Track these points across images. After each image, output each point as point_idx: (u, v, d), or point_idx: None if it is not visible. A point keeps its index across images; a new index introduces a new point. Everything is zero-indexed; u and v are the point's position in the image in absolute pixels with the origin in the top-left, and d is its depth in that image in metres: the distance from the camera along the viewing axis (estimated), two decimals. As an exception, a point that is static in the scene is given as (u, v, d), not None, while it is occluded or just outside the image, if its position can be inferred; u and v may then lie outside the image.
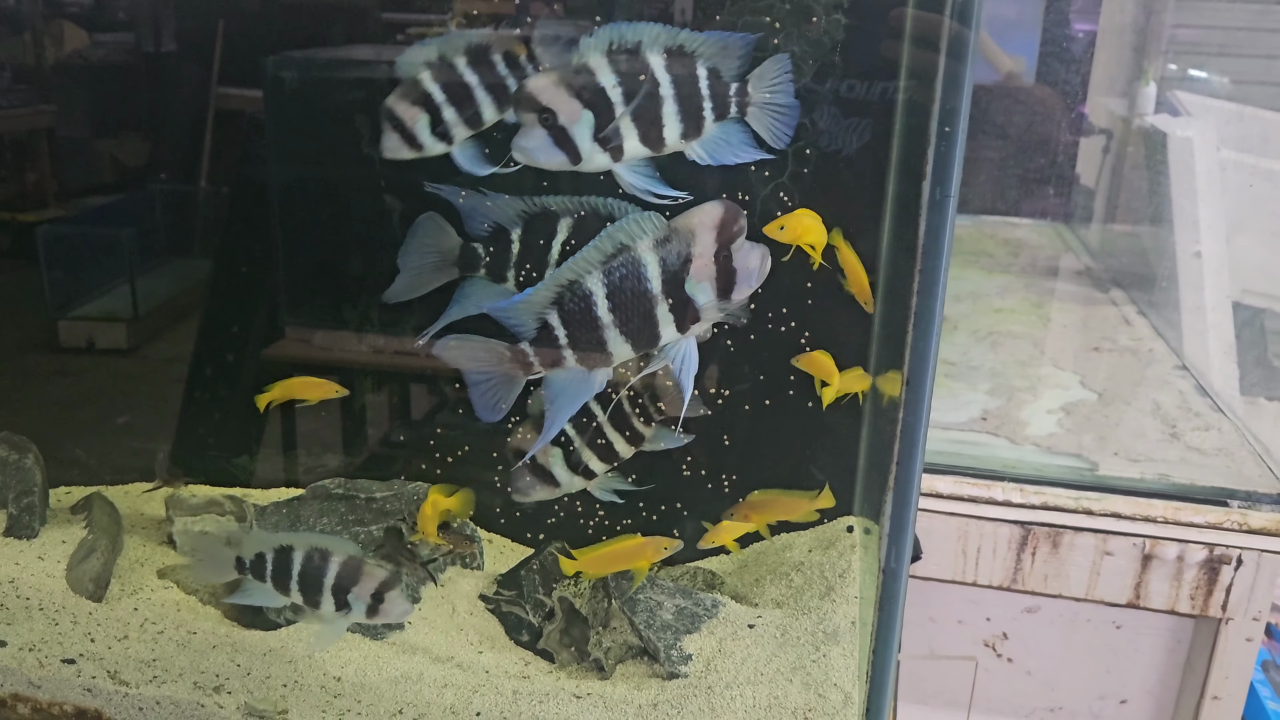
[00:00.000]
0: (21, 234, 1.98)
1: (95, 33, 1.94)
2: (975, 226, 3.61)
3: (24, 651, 1.29)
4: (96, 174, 2.05)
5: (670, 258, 0.96)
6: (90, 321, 1.96)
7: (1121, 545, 1.95)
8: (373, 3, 1.81)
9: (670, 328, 0.98)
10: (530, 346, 1.00)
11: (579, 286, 0.97)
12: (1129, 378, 2.40)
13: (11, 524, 1.46)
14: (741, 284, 0.98)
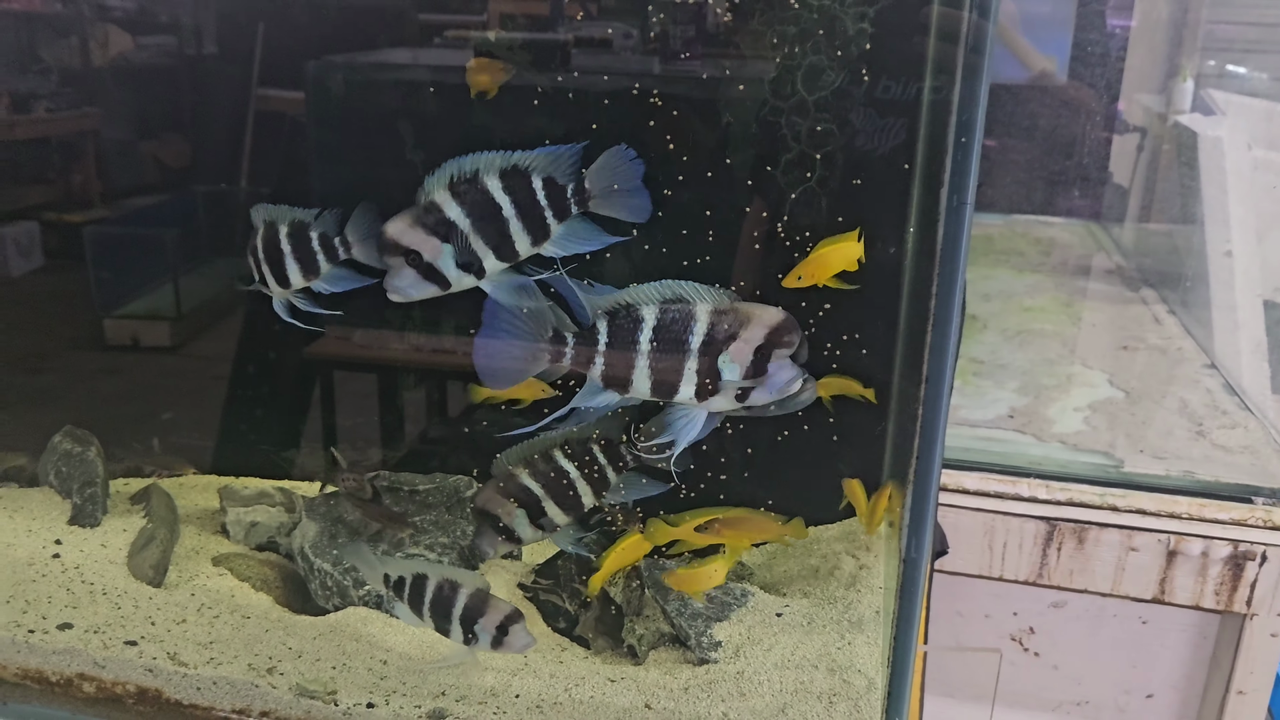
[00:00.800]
0: (69, 234, 2.03)
1: (139, 36, 1.98)
2: (1007, 226, 3.62)
3: (89, 633, 1.36)
4: (140, 175, 2.09)
5: (718, 327, 1.01)
6: (135, 320, 2.00)
7: (1146, 541, 1.97)
8: (410, 5, 1.85)
9: (689, 388, 1.03)
10: (571, 339, 1.05)
11: (634, 310, 1.03)
12: (1157, 376, 2.42)
13: (76, 513, 1.54)
14: (766, 389, 1.03)
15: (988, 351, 2.53)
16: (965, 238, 0.95)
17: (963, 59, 0.90)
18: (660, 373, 1.03)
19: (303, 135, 1.96)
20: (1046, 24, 3.66)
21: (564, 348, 1.05)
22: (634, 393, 1.06)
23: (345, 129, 1.90)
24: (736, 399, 1.03)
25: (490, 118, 1.65)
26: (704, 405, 1.05)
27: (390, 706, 1.27)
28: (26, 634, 1.36)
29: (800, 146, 1.50)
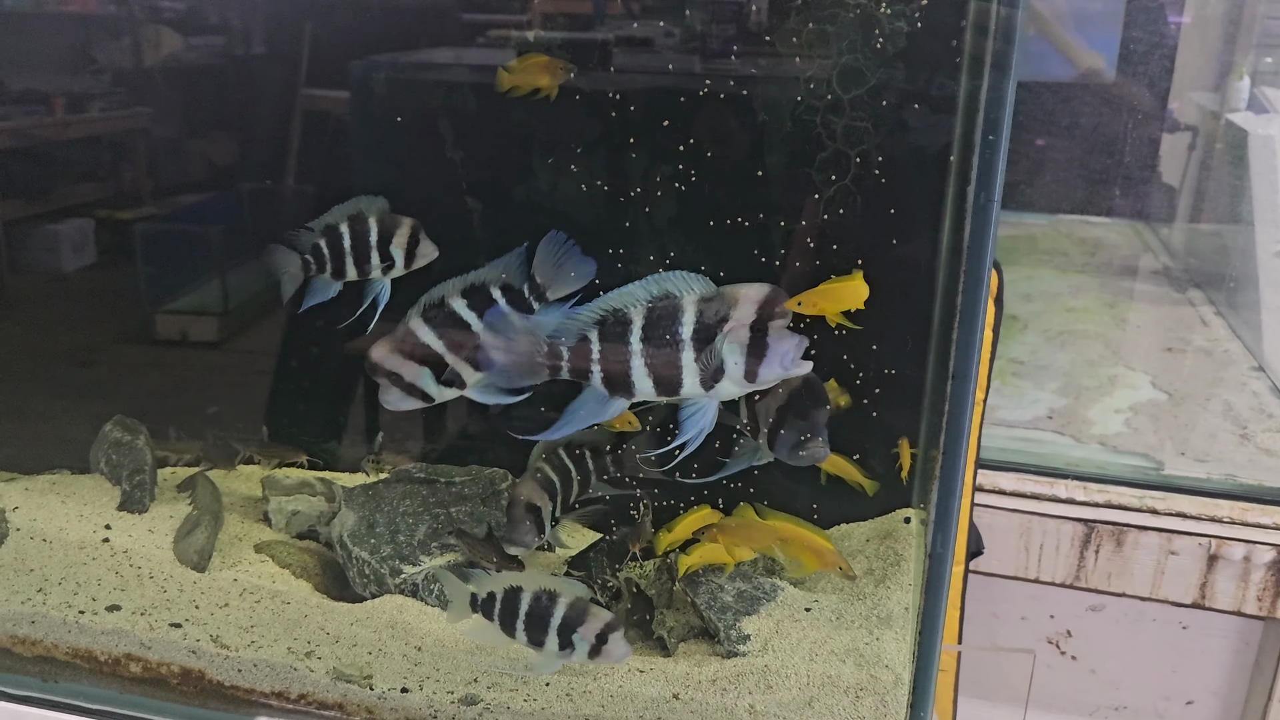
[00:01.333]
0: (120, 231, 2.08)
1: (189, 37, 2.01)
2: (1052, 226, 3.58)
3: (136, 615, 1.41)
4: (189, 173, 2.12)
5: (708, 313, 1.02)
6: (183, 315, 2.05)
7: (1187, 545, 1.95)
8: (454, 5, 1.88)
9: (693, 379, 1.04)
10: (566, 351, 1.07)
11: (622, 314, 1.04)
12: (1202, 378, 2.39)
13: (125, 499, 1.59)
14: (771, 361, 1.02)
15: (1028, 352, 2.51)
16: (992, 235, 0.96)
17: (990, 57, 0.91)
18: (658, 370, 1.04)
19: (346, 134, 1.99)
20: (1095, 21, 3.62)
21: (559, 361, 1.07)
22: (639, 394, 1.07)
23: (387, 128, 1.93)
24: (745, 379, 1.03)
25: (530, 116, 1.67)
26: (712, 394, 1.05)
27: (424, 692, 1.30)
28: (77, 615, 1.40)
29: (835, 145, 1.51)
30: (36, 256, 2.13)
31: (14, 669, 1.43)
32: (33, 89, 2.09)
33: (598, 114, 1.62)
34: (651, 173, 1.62)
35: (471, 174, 1.77)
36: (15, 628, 1.42)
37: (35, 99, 2.10)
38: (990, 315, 1.85)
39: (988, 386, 1.85)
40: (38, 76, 2.10)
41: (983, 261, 0.97)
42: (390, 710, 1.30)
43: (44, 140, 2.14)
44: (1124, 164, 3.60)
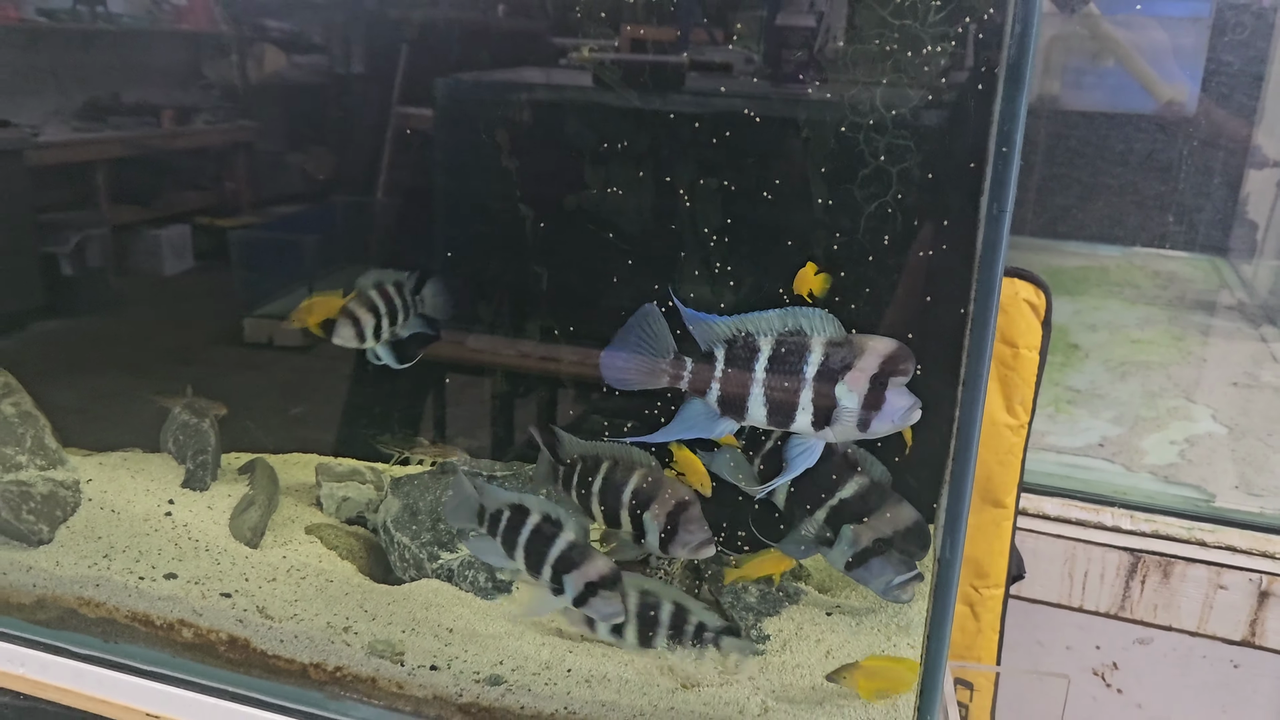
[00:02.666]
0: (218, 238, 2.17)
1: (293, 55, 2.10)
2: (1125, 258, 3.53)
3: (190, 584, 1.49)
4: (286, 185, 2.21)
5: (834, 357, 1.04)
6: (272, 320, 2.13)
7: (1237, 580, 1.91)
8: (545, 28, 1.94)
9: (806, 416, 1.06)
10: (690, 362, 1.10)
11: (752, 339, 1.07)
12: (1266, 414, 2.34)
13: (188, 478, 1.69)
14: (884, 416, 1.04)
15: (1086, 381, 2.49)
16: (1003, 244, 0.98)
17: (1004, 70, 0.94)
18: (776, 401, 1.06)
19: (431, 150, 2.05)
20: (1177, 54, 3.57)
21: (682, 371, 1.09)
22: (750, 419, 1.09)
23: (470, 144, 2.00)
24: (858, 428, 1.05)
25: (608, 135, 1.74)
26: (821, 435, 1.08)
27: (451, 670, 1.35)
28: (138, 580, 1.50)
29: (879, 161, 1.54)
30: (140, 260, 2.25)
31: (79, 628, 1.52)
32: (145, 101, 2.22)
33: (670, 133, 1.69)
34: (701, 185, 1.68)
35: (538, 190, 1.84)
36: (82, 590, 1.51)
37: (147, 111, 2.22)
38: (1038, 337, 1.85)
39: (1033, 410, 1.85)
40: (150, 90, 2.22)
41: (994, 270, 0.99)
42: (419, 686, 1.35)
43: (153, 150, 2.26)
44: (1203, 198, 3.53)
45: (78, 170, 2.24)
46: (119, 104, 2.22)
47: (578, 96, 1.77)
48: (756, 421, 1.08)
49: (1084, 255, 3.50)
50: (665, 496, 1.25)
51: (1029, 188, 3.66)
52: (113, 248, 2.23)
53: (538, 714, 1.30)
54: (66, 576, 1.52)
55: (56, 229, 2.19)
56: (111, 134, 2.19)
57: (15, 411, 1.68)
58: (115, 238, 2.23)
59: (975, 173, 1.01)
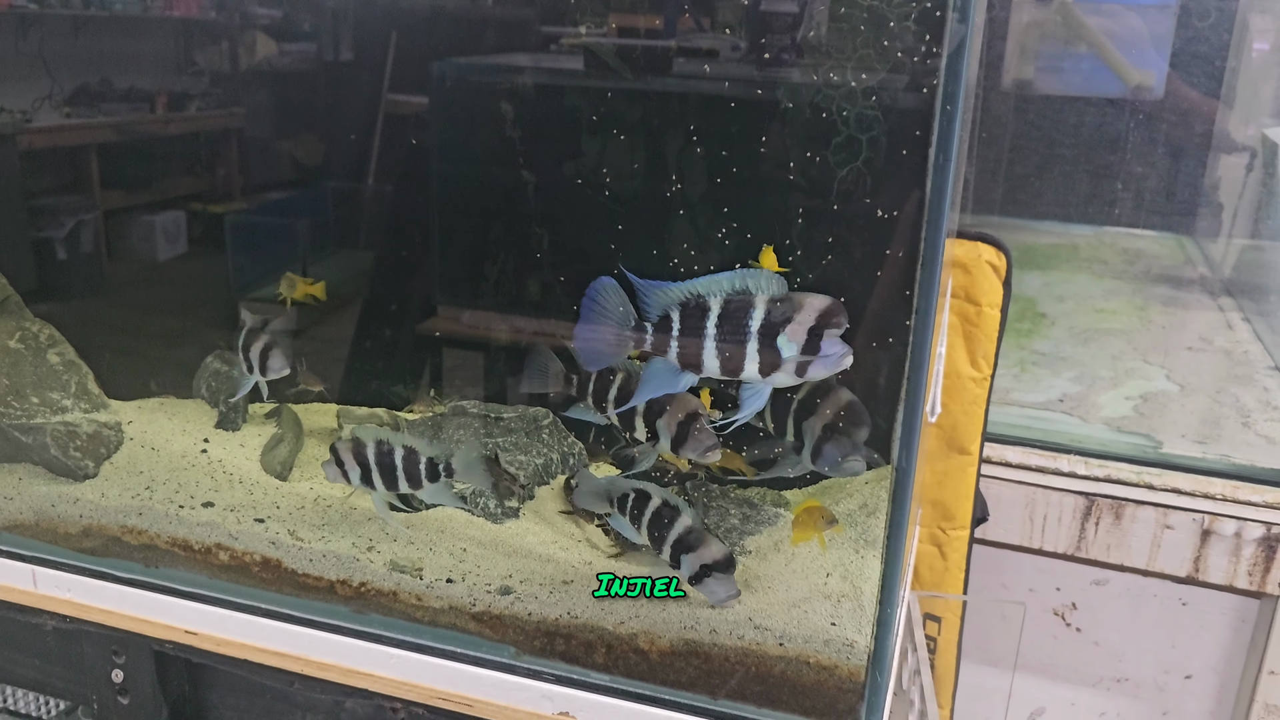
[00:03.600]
0: (211, 223, 2.23)
1: (283, 43, 2.14)
2: (1096, 236, 3.69)
3: (226, 511, 1.64)
4: (277, 170, 2.26)
5: (775, 312, 1.19)
6: (266, 303, 2.12)
7: (1181, 520, 2.08)
8: (534, 15, 2.07)
9: (753, 366, 1.20)
10: (650, 326, 1.25)
11: (703, 300, 1.21)
12: (1216, 374, 2.50)
13: (221, 419, 1.84)
14: (820, 363, 1.19)
15: (1051, 346, 2.65)
16: (949, 191, 1.14)
17: (949, 28, 1.09)
18: (727, 354, 1.21)
19: (424, 135, 2.12)
20: (1146, 40, 3.71)
21: (645, 335, 1.24)
22: (706, 372, 1.23)
23: (464, 128, 2.11)
24: (796, 373, 1.21)
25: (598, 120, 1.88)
26: (768, 381, 1.22)
27: (465, 583, 1.51)
28: (178, 509, 1.65)
29: (849, 130, 1.70)
30: (134, 245, 2.30)
31: (123, 555, 1.67)
32: (138, 87, 2.26)
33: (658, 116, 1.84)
34: (686, 157, 1.83)
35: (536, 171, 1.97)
36: (125, 519, 1.66)
37: (140, 97, 2.26)
38: (999, 296, 2.02)
39: (995, 364, 2.02)
40: (142, 76, 2.26)
41: (941, 211, 1.14)
42: (436, 598, 1.51)
43: (146, 136, 2.30)
44: (1171, 180, 3.69)
45: (70, 155, 2.27)
46: (111, 89, 2.27)
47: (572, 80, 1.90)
48: (711, 373, 1.24)
49: (1056, 234, 3.67)
50: (675, 408, 1.41)
51: (1003, 169, 3.83)
52: (106, 233, 2.27)
53: (543, 619, 1.45)
54: (111, 507, 1.67)
55: (50, 214, 2.24)
56: (104, 119, 2.23)
57: (60, 360, 1.83)
58: (109, 223, 2.27)
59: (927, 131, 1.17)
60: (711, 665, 1.39)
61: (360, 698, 1.56)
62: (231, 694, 1.68)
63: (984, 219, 3.63)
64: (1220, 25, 3.56)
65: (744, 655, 1.37)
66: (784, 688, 1.36)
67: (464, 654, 1.48)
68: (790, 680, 1.36)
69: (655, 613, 1.42)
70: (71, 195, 2.28)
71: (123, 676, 1.69)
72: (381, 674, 1.52)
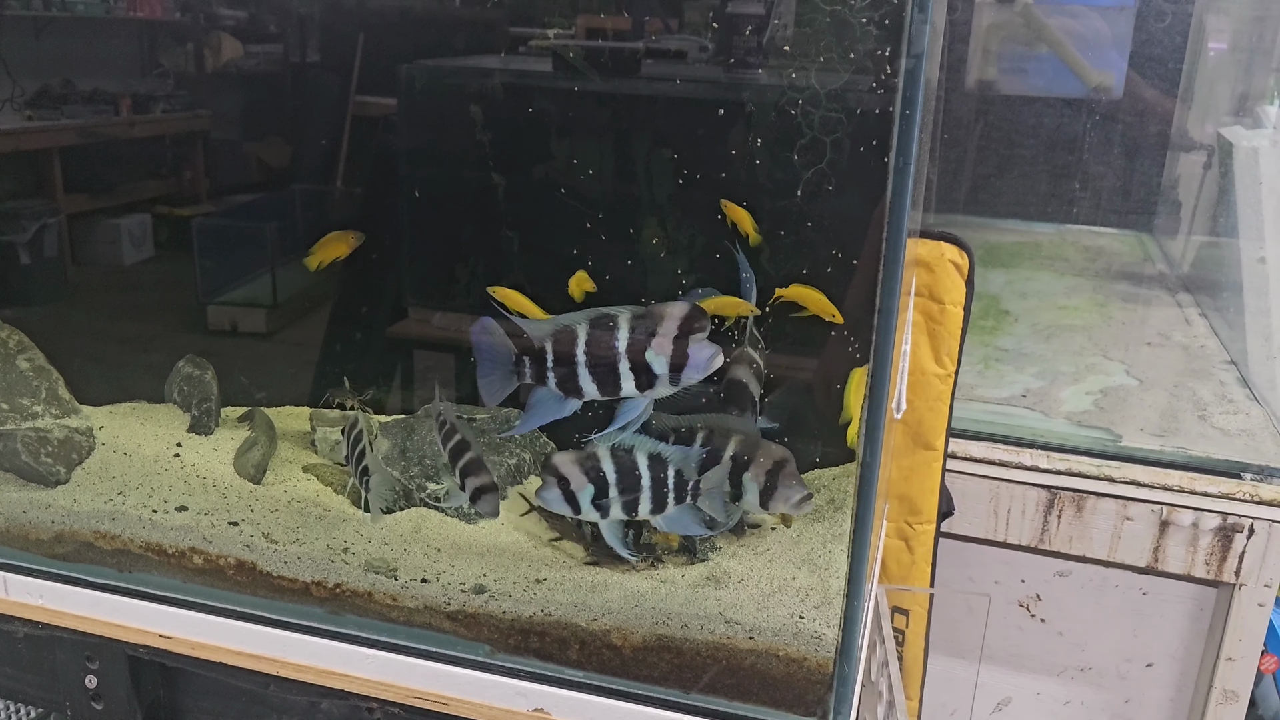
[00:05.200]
0: (177, 227, 2.20)
1: (249, 44, 2.12)
2: (1058, 234, 3.76)
3: (200, 515, 1.65)
4: (244, 174, 2.24)
5: (639, 329, 1.24)
6: (234, 307, 2.18)
7: (1140, 511, 2.13)
8: (502, 17, 2.08)
9: (630, 383, 1.26)
10: (528, 359, 1.30)
11: (570, 329, 1.26)
12: (1174, 369, 2.56)
13: (194, 424, 1.84)
14: (692, 369, 1.24)
15: (1014, 342, 2.70)
16: (909, 193, 1.17)
17: (907, 33, 1.12)
18: (601, 376, 1.26)
19: (394, 137, 2.13)
20: (1105, 41, 3.78)
21: (524, 369, 1.30)
22: (586, 396, 1.29)
23: (433, 130, 2.12)
24: (671, 383, 1.26)
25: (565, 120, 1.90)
26: (648, 394, 1.28)
27: (440, 582, 1.52)
28: (150, 513, 1.65)
29: (813, 133, 1.73)
30: (99, 249, 2.26)
31: (95, 560, 1.67)
32: (102, 90, 2.22)
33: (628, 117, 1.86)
34: (652, 158, 1.86)
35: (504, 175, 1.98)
36: (98, 524, 1.66)
37: (103, 99, 2.22)
38: (962, 294, 2.06)
39: (958, 360, 2.06)
40: (106, 78, 2.22)
41: (902, 213, 1.18)
42: (411, 597, 1.52)
43: (110, 139, 2.27)
44: (1130, 178, 3.77)
45: (32, 159, 2.24)
46: (73, 92, 2.24)
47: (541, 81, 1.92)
48: (592, 395, 1.29)
49: (1019, 232, 3.73)
50: (761, 459, 1.43)
51: (967, 169, 3.89)
52: (70, 237, 2.25)
53: (517, 617, 1.47)
54: (83, 512, 1.67)
55: (12, 218, 2.21)
56: (67, 122, 2.20)
57: (30, 366, 1.83)
58: (73, 227, 2.24)
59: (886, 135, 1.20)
60: (684, 659, 1.41)
61: (336, 698, 1.57)
62: (207, 697, 1.69)
63: (948, 218, 3.69)
64: (1177, 26, 3.64)
65: (715, 649, 1.40)
66: (754, 680, 1.39)
67: (439, 653, 1.50)
68: (760, 673, 1.39)
69: (628, 609, 1.44)
70: (34, 199, 2.25)
71: (96, 682, 1.69)
72: (357, 674, 1.53)
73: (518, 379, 1.31)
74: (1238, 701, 2.19)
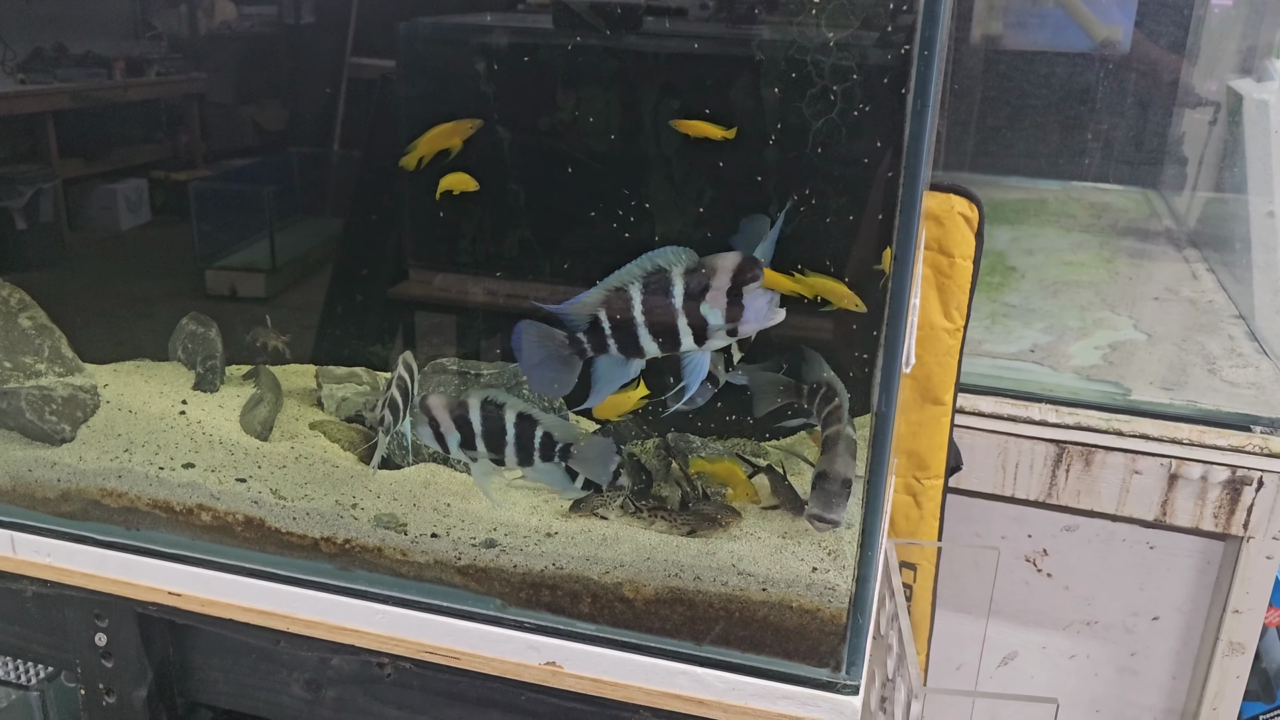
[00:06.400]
0: (174, 191, 2.17)
1: (242, 6, 2.10)
2: (1064, 191, 3.73)
3: (207, 472, 1.64)
4: (240, 137, 2.20)
5: (693, 283, 1.23)
6: (233, 271, 2.17)
7: (1149, 465, 2.13)
8: None
9: (689, 338, 1.25)
10: (584, 336, 1.28)
11: (623, 292, 1.25)
12: (1183, 323, 2.55)
13: (199, 381, 1.83)
14: (749, 320, 1.23)
15: (1021, 298, 2.69)
16: (928, 137, 1.15)
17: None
18: (661, 334, 1.26)
19: (392, 96, 2.10)
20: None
21: (582, 345, 1.29)
22: (647, 354, 1.29)
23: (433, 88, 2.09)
24: (728, 334, 1.26)
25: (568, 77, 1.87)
26: (705, 347, 1.27)
27: (450, 537, 1.52)
28: (158, 470, 1.64)
29: (824, 82, 1.70)
30: (95, 214, 2.25)
31: (102, 518, 1.66)
32: (94, 53, 2.19)
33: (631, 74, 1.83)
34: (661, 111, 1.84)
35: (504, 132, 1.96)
36: (104, 482, 1.65)
37: (96, 63, 2.19)
38: (971, 248, 2.04)
39: (968, 315, 2.04)
40: (99, 41, 2.19)
41: (919, 157, 1.16)
42: (421, 552, 1.52)
43: (104, 102, 2.24)
44: (1138, 134, 3.73)
45: (26, 123, 2.22)
46: (66, 55, 2.21)
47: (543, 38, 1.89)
48: (652, 353, 1.29)
49: (1024, 189, 3.70)
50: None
51: (973, 126, 3.85)
52: (66, 202, 2.23)
53: (528, 571, 1.47)
54: (89, 470, 1.66)
55: (8, 183, 2.19)
56: (60, 86, 2.18)
57: (32, 324, 1.81)
58: (68, 192, 2.22)
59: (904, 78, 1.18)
60: (696, 611, 1.41)
61: (347, 654, 1.57)
62: (217, 655, 1.68)
63: (954, 175, 3.65)
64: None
65: (728, 601, 1.40)
66: (767, 632, 1.39)
67: (450, 607, 1.49)
68: (774, 624, 1.39)
69: (640, 561, 1.44)
70: (29, 164, 2.22)
71: (106, 640, 1.69)
72: (367, 630, 1.53)
73: (580, 358, 1.30)
74: (1244, 654, 2.20)
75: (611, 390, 1.33)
